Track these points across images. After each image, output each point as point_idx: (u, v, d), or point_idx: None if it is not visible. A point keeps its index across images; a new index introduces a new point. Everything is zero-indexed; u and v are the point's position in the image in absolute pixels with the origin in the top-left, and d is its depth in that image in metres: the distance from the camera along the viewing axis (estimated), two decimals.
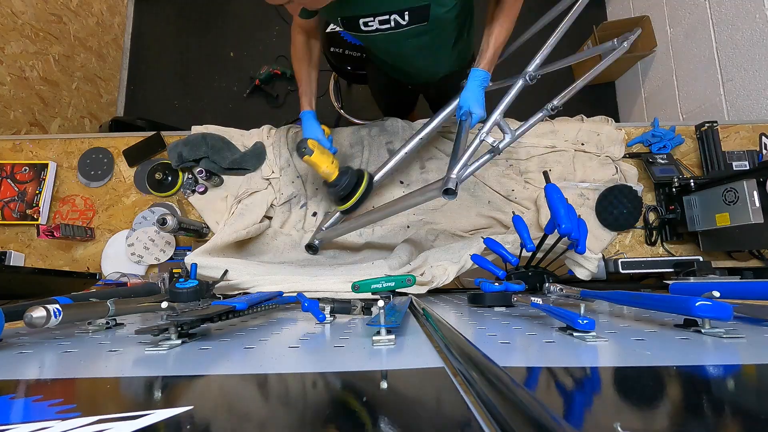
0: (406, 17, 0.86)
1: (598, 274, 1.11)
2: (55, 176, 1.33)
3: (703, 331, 0.45)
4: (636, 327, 0.52)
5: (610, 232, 1.23)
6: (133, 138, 1.36)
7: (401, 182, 1.28)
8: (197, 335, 0.51)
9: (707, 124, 1.27)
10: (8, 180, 1.31)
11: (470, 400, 0.27)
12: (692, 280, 1.02)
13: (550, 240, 0.95)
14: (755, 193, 0.97)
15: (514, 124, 1.15)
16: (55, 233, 1.18)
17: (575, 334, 0.46)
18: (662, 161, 1.25)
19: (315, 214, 1.27)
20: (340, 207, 1.13)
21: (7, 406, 0.27)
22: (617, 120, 1.43)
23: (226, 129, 1.35)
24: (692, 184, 1.14)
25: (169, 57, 2.59)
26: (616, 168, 1.27)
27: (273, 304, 0.72)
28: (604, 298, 0.60)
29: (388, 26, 0.89)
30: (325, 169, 1.05)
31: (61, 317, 0.45)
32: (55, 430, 0.22)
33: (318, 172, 1.06)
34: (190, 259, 1.02)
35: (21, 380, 0.34)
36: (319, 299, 0.68)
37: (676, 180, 1.18)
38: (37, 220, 1.27)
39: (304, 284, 0.97)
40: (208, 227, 1.26)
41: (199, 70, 2.56)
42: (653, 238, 1.25)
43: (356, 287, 0.63)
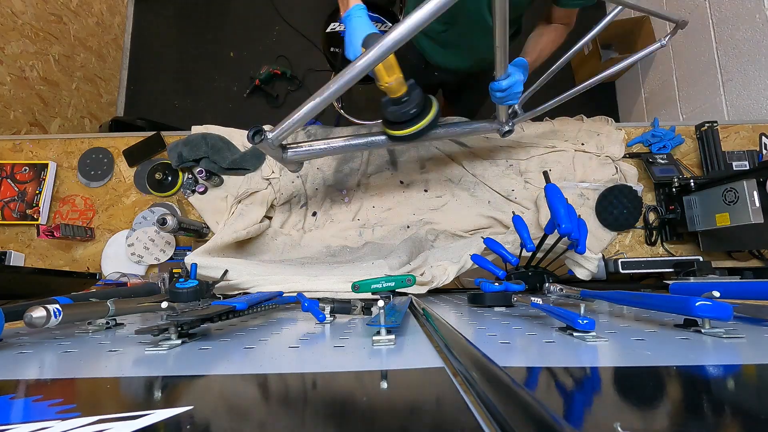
0: None
1: (598, 274, 1.11)
2: (55, 176, 1.33)
3: (703, 331, 0.45)
4: (636, 327, 0.52)
5: (610, 232, 1.23)
6: (133, 138, 1.36)
7: (401, 182, 1.28)
8: (197, 335, 0.51)
9: (707, 124, 1.27)
10: (8, 180, 1.31)
11: (470, 400, 0.27)
12: (692, 280, 1.02)
13: (550, 240, 0.95)
14: (755, 193, 0.97)
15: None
16: (55, 233, 1.18)
17: (575, 334, 0.46)
18: (662, 161, 1.25)
19: (315, 214, 1.27)
20: (398, 132, 0.90)
21: (7, 406, 0.27)
22: (617, 120, 1.43)
23: (227, 129, 1.35)
24: (692, 184, 1.14)
25: (169, 57, 2.59)
26: (616, 168, 1.27)
27: (273, 304, 0.72)
28: (604, 298, 0.61)
29: None
30: (396, 78, 0.80)
31: (61, 317, 0.45)
32: (55, 430, 0.22)
33: (382, 82, 0.80)
34: (190, 259, 1.02)
35: (21, 380, 0.34)
36: (319, 299, 0.68)
37: (676, 180, 1.18)
38: (37, 220, 1.27)
39: (304, 284, 0.97)
40: (208, 227, 1.26)
41: (199, 70, 2.56)
42: (653, 238, 1.25)
43: (356, 287, 0.63)
